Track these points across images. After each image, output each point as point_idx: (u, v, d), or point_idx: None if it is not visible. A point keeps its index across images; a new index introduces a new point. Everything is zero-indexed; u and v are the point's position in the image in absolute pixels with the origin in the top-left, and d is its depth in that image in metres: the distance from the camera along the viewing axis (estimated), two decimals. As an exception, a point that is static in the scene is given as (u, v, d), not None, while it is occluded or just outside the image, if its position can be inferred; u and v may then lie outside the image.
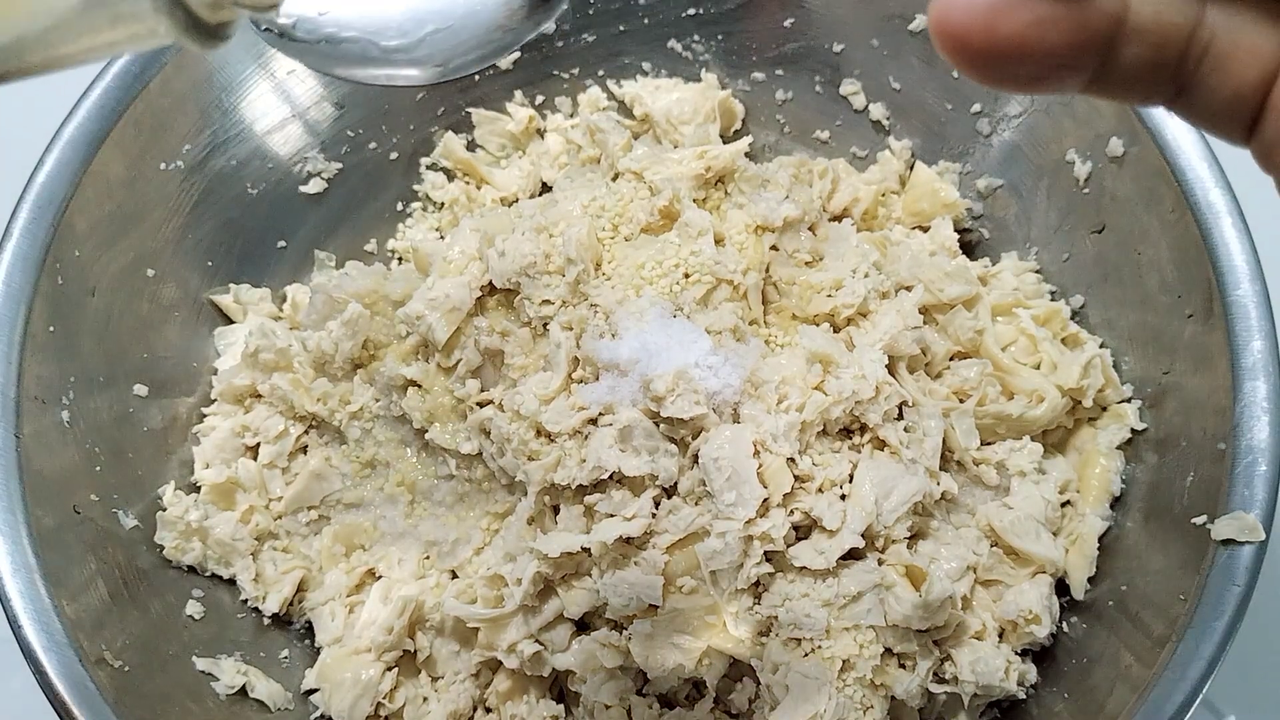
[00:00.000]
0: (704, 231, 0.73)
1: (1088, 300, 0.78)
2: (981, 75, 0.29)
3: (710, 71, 0.90)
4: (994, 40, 0.28)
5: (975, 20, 0.28)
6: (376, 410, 0.76)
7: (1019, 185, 0.82)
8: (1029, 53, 0.28)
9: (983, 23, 0.28)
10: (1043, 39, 0.28)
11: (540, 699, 0.72)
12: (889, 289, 0.76)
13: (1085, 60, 0.29)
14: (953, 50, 0.28)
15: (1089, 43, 0.29)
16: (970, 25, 0.28)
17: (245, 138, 0.82)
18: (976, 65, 0.29)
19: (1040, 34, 0.28)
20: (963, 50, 0.28)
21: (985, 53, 0.28)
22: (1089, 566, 0.71)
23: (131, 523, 0.72)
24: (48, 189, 0.71)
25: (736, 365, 0.69)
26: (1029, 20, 0.28)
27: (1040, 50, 0.28)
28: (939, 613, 0.66)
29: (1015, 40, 0.28)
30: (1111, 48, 0.29)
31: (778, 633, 0.67)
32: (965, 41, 0.28)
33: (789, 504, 0.67)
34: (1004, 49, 0.28)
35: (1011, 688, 0.69)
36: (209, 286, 0.82)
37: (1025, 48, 0.28)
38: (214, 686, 0.70)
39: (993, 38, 0.28)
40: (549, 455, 0.68)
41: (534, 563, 0.68)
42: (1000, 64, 0.28)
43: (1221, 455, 0.64)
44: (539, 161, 0.91)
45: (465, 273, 0.73)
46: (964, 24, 0.28)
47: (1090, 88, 0.30)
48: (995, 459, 0.73)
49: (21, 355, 0.68)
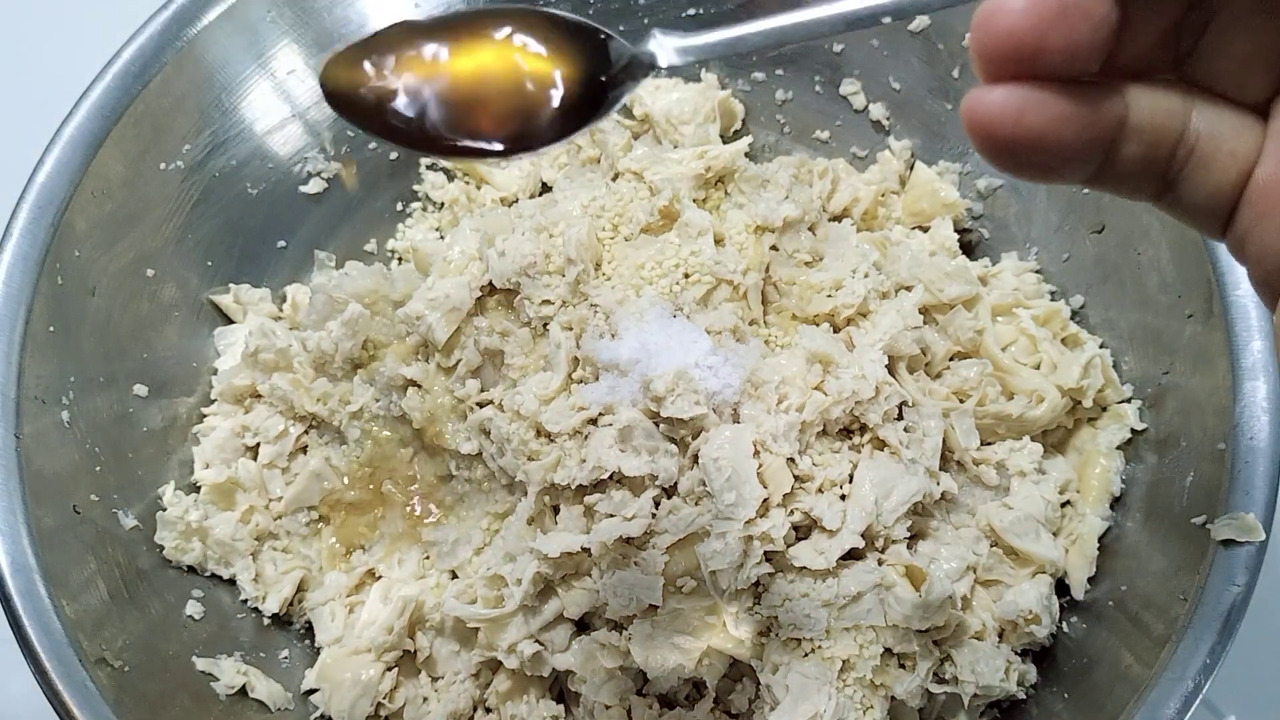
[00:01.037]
0: (704, 231, 0.73)
1: (1088, 300, 0.78)
2: (1003, 161, 0.33)
3: (710, 71, 0.90)
4: (1019, 132, 0.32)
5: (1006, 114, 0.32)
6: (376, 410, 0.76)
7: (1019, 185, 0.82)
8: (1047, 145, 0.32)
9: (1012, 116, 0.32)
10: (1060, 134, 0.32)
11: (540, 699, 0.72)
12: (889, 289, 0.76)
13: (1093, 155, 0.34)
14: (981, 137, 0.33)
15: (1097, 139, 0.33)
16: (1001, 118, 0.32)
17: (245, 138, 0.82)
18: (1001, 152, 0.33)
19: (1058, 129, 0.32)
20: (990, 138, 0.32)
21: (1010, 142, 0.32)
22: (1089, 566, 0.71)
23: (131, 523, 0.72)
24: (48, 189, 0.71)
25: (736, 365, 0.69)
26: (1051, 116, 0.32)
27: (1057, 143, 0.32)
28: (939, 613, 0.66)
29: (1037, 133, 0.32)
30: (1114, 146, 0.34)
31: (778, 633, 0.67)
32: (993, 132, 0.32)
33: (789, 504, 0.67)
34: (1026, 140, 0.32)
35: (1011, 688, 0.69)
36: (209, 286, 0.82)
37: (1045, 140, 0.32)
38: (214, 686, 0.70)
39: (1018, 130, 0.32)
40: (549, 455, 0.68)
41: (534, 563, 0.68)
42: (1021, 153, 0.33)
43: (1221, 455, 0.64)
44: (539, 161, 0.91)
45: (465, 273, 0.73)
46: (994, 116, 0.32)
47: (1092, 181, 0.35)
48: (995, 459, 0.73)
49: (21, 355, 0.68)
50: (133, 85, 0.75)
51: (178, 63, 0.76)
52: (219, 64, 0.79)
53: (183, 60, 0.76)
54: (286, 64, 0.82)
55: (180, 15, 0.76)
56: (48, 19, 1.08)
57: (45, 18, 1.08)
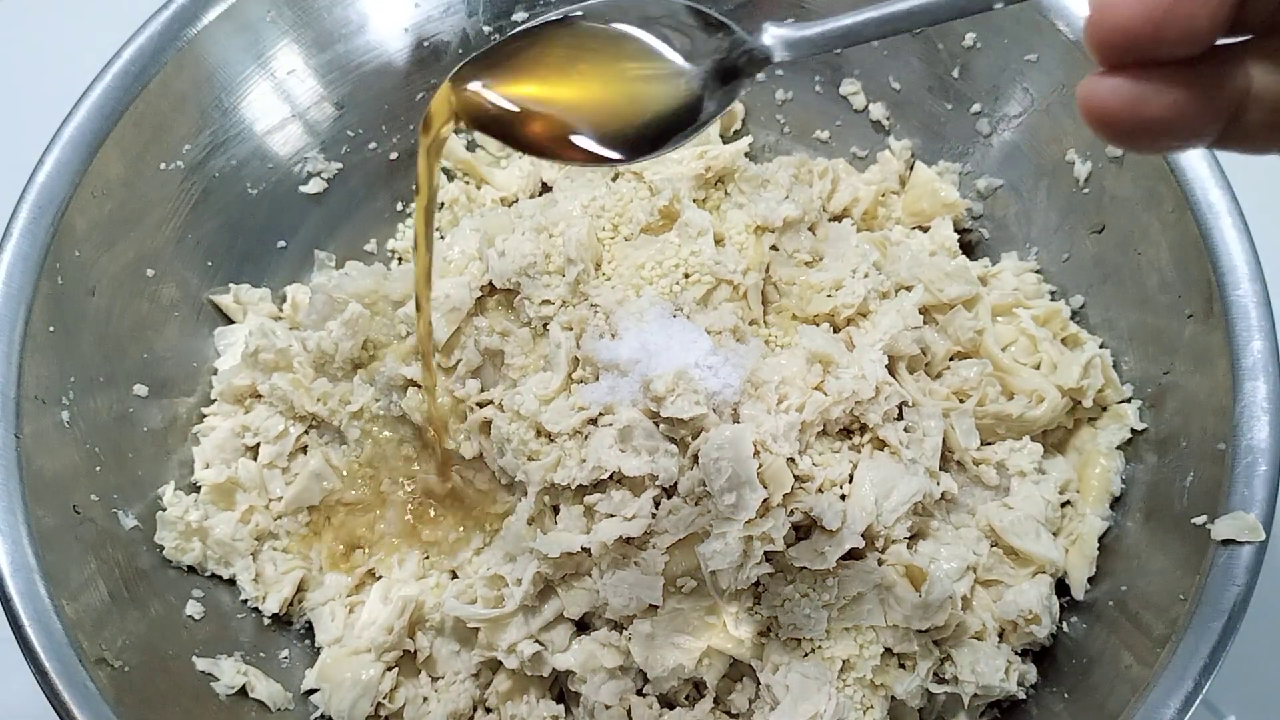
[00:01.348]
0: (704, 231, 0.73)
1: (1088, 300, 0.78)
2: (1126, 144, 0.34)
3: (710, 71, 0.89)
4: (1140, 121, 0.33)
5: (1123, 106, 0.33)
6: (376, 410, 0.76)
7: (1019, 185, 0.82)
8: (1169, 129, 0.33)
9: (1130, 107, 0.33)
10: (1181, 117, 0.33)
11: (540, 699, 0.72)
12: (889, 289, 0.76)
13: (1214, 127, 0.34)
14: (1102, 127, 0.33)
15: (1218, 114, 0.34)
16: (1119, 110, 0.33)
17: (245, 138, 0.82)
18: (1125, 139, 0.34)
19: (1178, 113, 0.33)
20: (1111, 128, 0.33)
21: (1131, 129, 0.33)
22: (1089, 566, 0.71)
23: (131, 523, 0.72)
24: (48, 189, 0.71)
25: (736, 365, 0.69)
26: (1168, 103, 0.33)
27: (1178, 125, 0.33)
28: (939, 613, 0.66)
29: (1158, 120, 0.33)
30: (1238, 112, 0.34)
31: (778, 633, 0.67)
32: (1114, 122, 0.33)
33: (789, 504, 0.67)
34: (1148, 127, 0.33)
35: (1011, 688, 0.69)
36: (209, 286, 0.82)
37: (1166, 125, 0.33)
38: (214, 686, 0.70)
39: (1138, 119, 0.33)
40: (549, 455, 0.68)
41: (534, 563, 0.68)
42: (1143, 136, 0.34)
43: (1221, 455, 0.64)
44: (539, 161, 0.91)
45: (465, 273, 0.73)
46: (1113, 109, 0.33)
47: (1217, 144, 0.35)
48: (995, 459, 0.73)
49: (21, 355, 0.68)
50: (133, 85, 0.74)
51: (178, 63, 0.76)
52: (219, 64, 0.79)
53: (183, 60, 0.76)
54: (286, 64, 0.82)
55: (180, 15, 0.76)
56: (48, 19, 1.08)
57: (45, 18, 1.08)
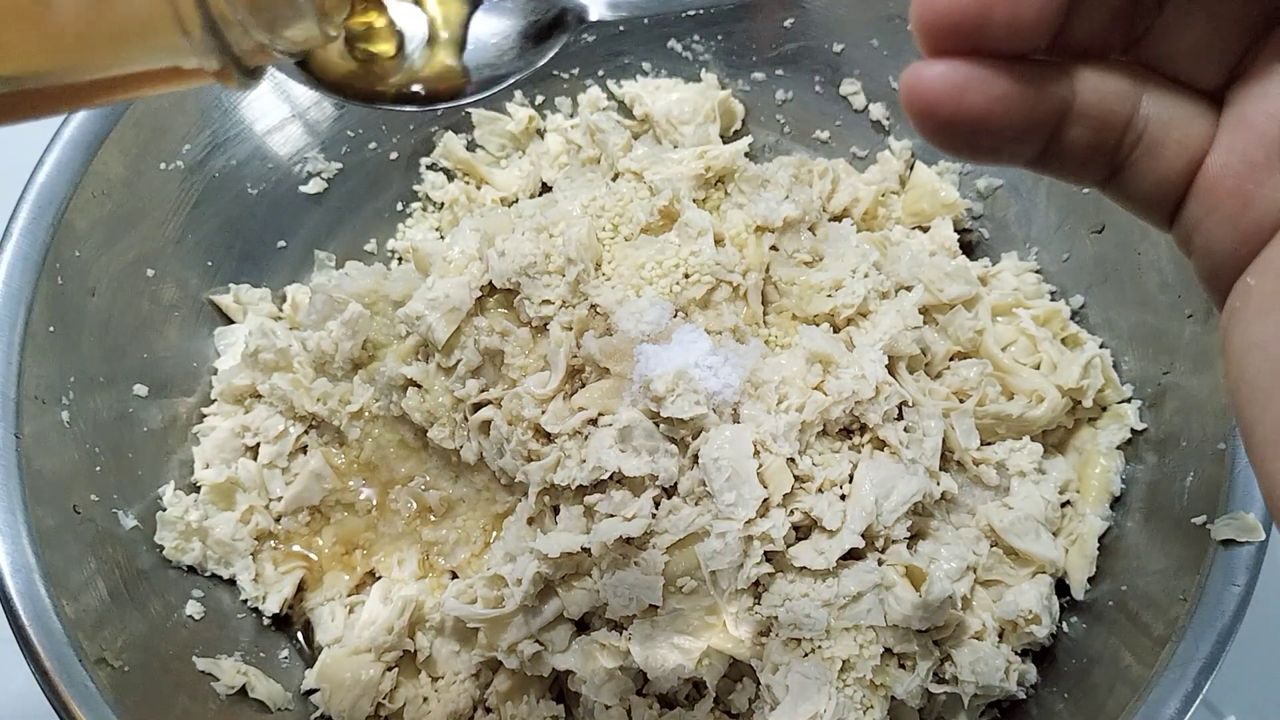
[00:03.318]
0: (704, 231, 0.73)
1: (1088, 300, 0.78)
2: (943, 142, 0.32)
3: (710, 71, 0.90)
4: (959, 111, 0.31)
5: (945, 93, 0.30)
6: (376, 410, 0.76)
7: (1019, 185, 0.82)
8: (988, 126, 0.31)
9: (951, 95, 0.30)
10: (1002, 114, 0.31)
11: (540, 699, 0.72)
12: (889, 289, 0.76)
13: (1036, 136, 0.32)
14: (920, 117, 0.31)
15: (1041, 121, 0.32)
16: (940, 97, 0.31)
17: (245, 138, 0.82)
18: (941, 133, 0.31)
19: (1001, 109, 0.31)
20: (930, 118, 0.31)
21: (950, 122, 0.31)
22: (1089, 566, 0.71)
23: (131, 523, 0.72)
24: (48, 189, 0.71)
25: (736, 365, 0.69)
26: (994, 96, 0.30)
27: (998, 124, 0.31)
28: (939, 613, 0.66)
29: (978, 113, 0.31)
30: (1059, 128, 0.32)
31: (778, 633, 0.67)
32: (933, 111, 0.31)
33: (789, 504, 0.67)
34: (967, 120, 0.31)
35: (1011, 688, 0.69)
36: (209, 286, 0.82)
37: (986, 121, 0.31)
38: (214, 686, 0.70)
39: (958, 109, 0.31)
40: (549, 456, 0.68)
41: (534, 563, 0.68)
42: (962, 133, 0.31)
43: (1221, 455, 0.64)
44: (539, 161, 0.91)
45: (465, 273, 0.73)
46: (934, 95, 0.31)
47: (1035, 163, 0.33)
48: (995, 459, 0.73)
49: (21, 355, 0.68)
50: (133, 85, 0.74)
51: (178, 63, 0.76)
52: (219, 64, 0.79)
53: (183, 60, 0.76)
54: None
55: (180, 15, 0.76)
56: (48, 19, 1.08)
57: (45, 18, 1.08)
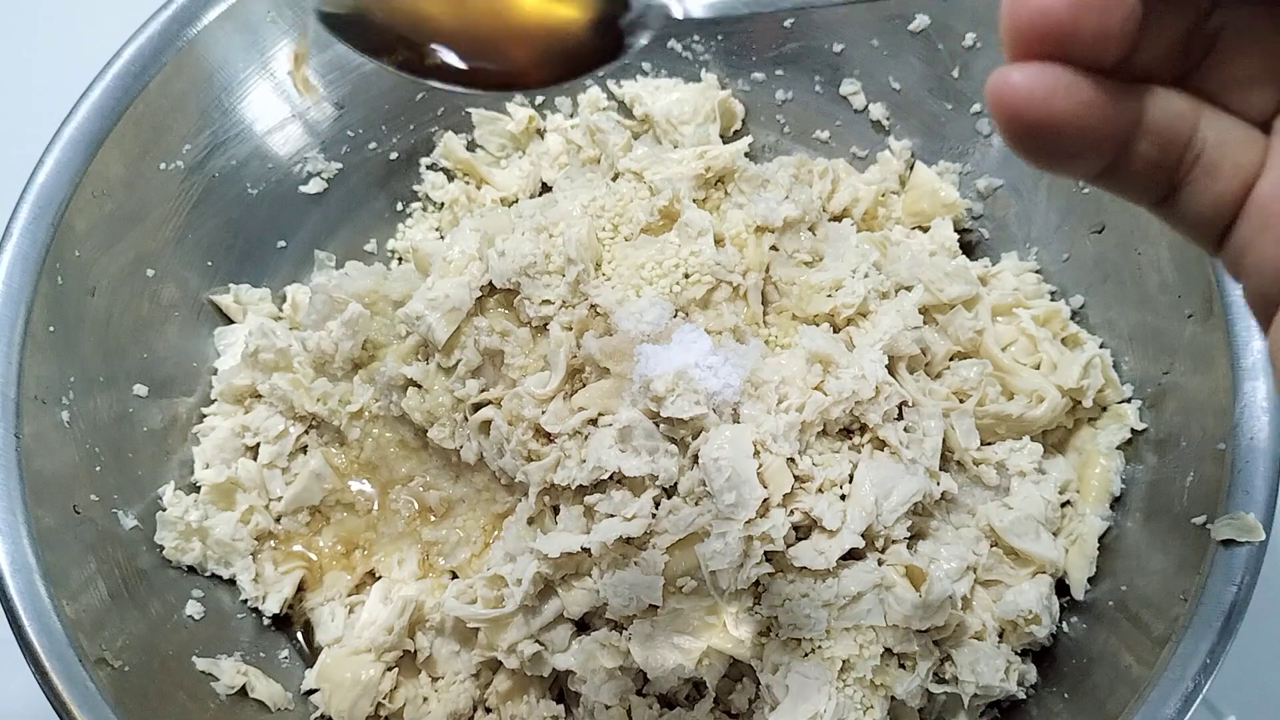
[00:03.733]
0: (704, 231, 0.73)
1: (1088, 300, 0.78)
2: (1027, 146, 0.32)
3: (710, 71, 0.90)
4: (1048, 115, 0.31)
5: (1034, 95, 0.31)
6: (376, 410, 0.76)
7: (1019, 185, 0.82)
8: (1073, 131, 0.32)
9: (1041, 98, 0.31)
10: (1086, 121, 0.32)
11: (540, 699, 0.72)
12: (889, 289, 0.76)
13: (1111, 146, 0.33)
14: (1007, 119, 0.32)
15: (1118, 132, 0.33)
16: (1029, 100, 0.31)
17: (245, 138, 0.82)
18: (1027, 136, 0.32)
19: (1085, 115, 0.32)
20: (1017, 120, 0.32)
21: (1037, 125, 0.32)
22: (1089, 566, 0.71)
23: (131, 523, 0.72)
24: (48, 189, 0.71)
25: (736, 365, 0.69)
26: (1079, 101, 0.31)
27: (1081, 130, 0.32)
28: (939, 613, 0.66)
29: (1065, 118, 0.32)
30: (1128, 142, 0.33)
31: (778, 633, 0.67)
32: (1022, 114, 0.31)
33: (789, 504, 0.67)
34: (1053, 124, 0.32)
35: (1011, 688, 0.69)
36: (209, 286, 0.82)
37: (1071, 125, 0.32)
38: (214, 686, 0.70)
39: (1047, 113, 0.31)
40: (549, 456, 0.68)
41: (534, 563, 0.68)
42: (1047, 137, 0.32)
43: (1221, 455, 0.64)
44: (539, 161, 0.91)
45: (465, 273, 0.73)
46: (1023, 97, 0.31)
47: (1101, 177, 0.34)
48: (995, 459, 0.73)
49: (21, 355, 0.68)
50: (133, 85, 0.75)
51: (178, 63, 0.76)
52: (219, 64, 0.79)
53: (183, 60, 0.76)
54: (286, 64, 0.82)
55: (180, 15, 0.76)
56: (48, 19, 1.08)
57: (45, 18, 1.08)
